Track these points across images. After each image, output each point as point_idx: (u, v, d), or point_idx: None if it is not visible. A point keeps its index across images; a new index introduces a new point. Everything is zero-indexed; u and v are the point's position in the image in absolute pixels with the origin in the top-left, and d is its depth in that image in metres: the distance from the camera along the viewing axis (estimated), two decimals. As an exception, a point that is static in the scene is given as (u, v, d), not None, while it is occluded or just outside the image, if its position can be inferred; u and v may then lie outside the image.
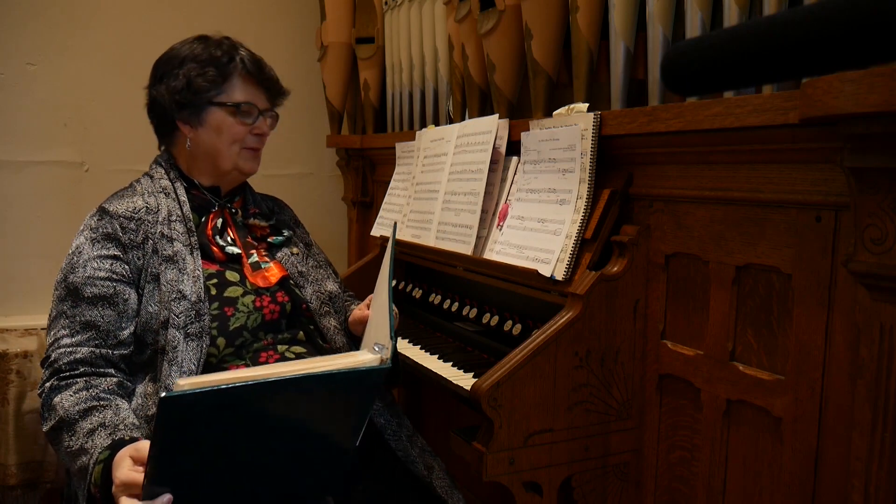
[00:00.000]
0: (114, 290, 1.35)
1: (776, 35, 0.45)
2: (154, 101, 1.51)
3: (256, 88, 1.53)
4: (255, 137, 1.53)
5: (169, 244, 1.40)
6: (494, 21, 1.75)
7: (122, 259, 1.38)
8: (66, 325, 1.33)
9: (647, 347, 1.43)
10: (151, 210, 1.44)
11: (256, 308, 1.43)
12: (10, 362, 2.38)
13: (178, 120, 1.49)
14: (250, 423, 1.06)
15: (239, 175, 1.56)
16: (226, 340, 1.38)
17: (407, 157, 2.25)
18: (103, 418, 1.23)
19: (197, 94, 1.46)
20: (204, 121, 1.48)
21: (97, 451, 1.17)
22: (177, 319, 1.33)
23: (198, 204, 1.53)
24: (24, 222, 2.70)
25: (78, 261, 1.37)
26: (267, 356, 1.43)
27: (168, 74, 1.48)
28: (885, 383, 0.94)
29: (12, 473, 2.38)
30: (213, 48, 1.49)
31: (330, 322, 1.55)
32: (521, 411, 1.32)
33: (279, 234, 1.62)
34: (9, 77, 2.66)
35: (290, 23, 3.14)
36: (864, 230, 0.94)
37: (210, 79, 1.46)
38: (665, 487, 1.42)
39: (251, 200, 1.66)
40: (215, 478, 1.10)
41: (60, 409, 1.25)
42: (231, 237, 1.52)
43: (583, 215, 1.43)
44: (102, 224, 1.40)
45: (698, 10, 1.29)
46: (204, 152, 1.51)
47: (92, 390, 1.27)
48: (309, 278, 1.58)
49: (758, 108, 1.09)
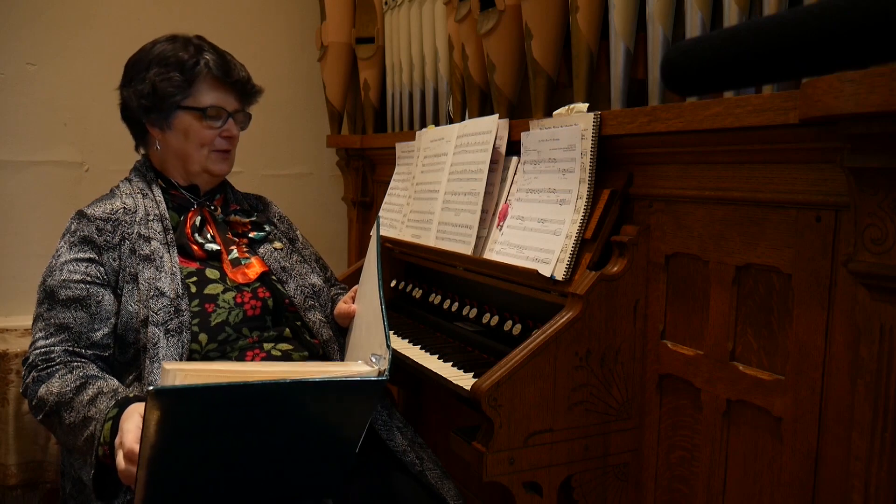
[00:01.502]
0: (87, 293, 1.36)
1: (776, 35, 0.45)
2: (124, 105, 1.53)
3: (224, 90, 1.51)
4: (224, 140, 1.53)
5: (146, 243, 1.41)
6: (494, 21, 1.75)
7: (97, 261, 1.39)
8: (42, 328, 1.36)
9: (647, 347, 1.43)
10: (129, 211, 1.45)
11: (237, 304, 1.44)
12: (10, 362, 2.38)
13: (147, 123, 1.50)
14: (244, 424, 1.05)
15: (209, 177, 1.56)
16: (208, 336, 1.39)
17: (407, 157, 2.25)
18: (99, 388, 1.25)
19: (163, 99, 1.46)
20: (171, 124, 1.49)
21: (103, 414, 1.19)
22: (156, 316, 1.34)
23: (177, 204, 1.54)
24: (24, 222, 2.70)
25: (55, 263, 1.40)
26: (253, 354, 1.43)
27: (135, 78, 1.49)
28: (885, 383, 0.94)
29: (12, 473, 2.37)
30: (180, 50, 1.48)
31: (315, 316, 1.55)
32: (521, 411, 1.31)
33: (260, 229, 1.62)
34: (9, 77, 2.66)
35: (290, 23, 3.14)
36: (864, 230, 0.94)
37: (176, 83, 1.46)
38: (665, 487, 1.42)
39: (232, 198, 1.66)
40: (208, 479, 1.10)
41: (50, 395, 1.26)
42: (210, 234, 1.53)
43: (583, 215, 1.43)
44: (80, 227, 1.42)
45: (698, 10, 1.29)
46: (173, 155, 1.52)
47: (77, 371, 1.29)
48: (292, 273, 1.57)
49: (758, 108, 1.09)
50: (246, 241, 1.58)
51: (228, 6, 3.02)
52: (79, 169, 2.80)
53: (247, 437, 1.08)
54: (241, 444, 1.08)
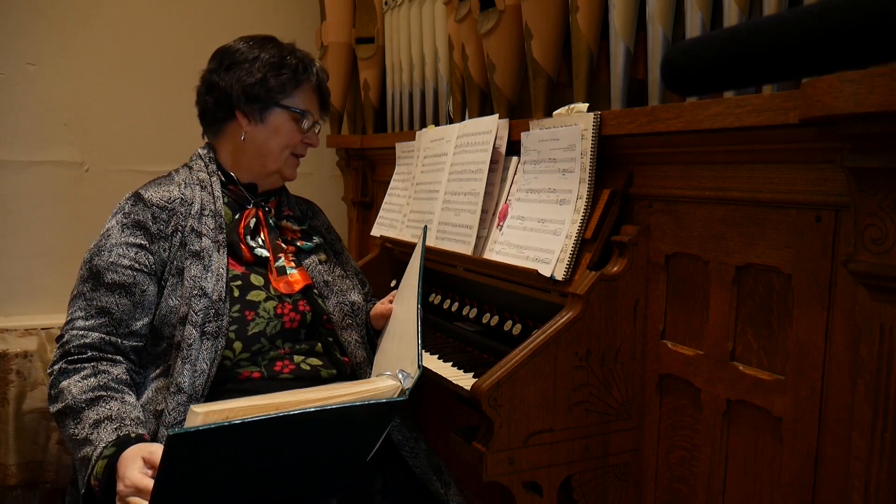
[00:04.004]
0: (133, 280, 1.36)
1: (776, 35, 0.45)
2: (216, 87, 1.50)
3: (317, 101, 1.58)
4: (304, 146, 1.58)
5: (197, 239, 1.40)
6: (494, 21, 1.75)
7: (147, 249, 1.38)
8: (82, 307, 1.35)
9: (647, 347, 1.43)
10: (186, 202, 1.44)
11: (277, 315, 1.42)
12: (10, 362, 2.38)
13: (240, 111, 1.49)
14: (260, 452, 1.05)
15: (279, 179, 1.59)
16: (242, 345, 1.38)
17: (407, 157, 2.25)
18: (109, 410, 1.24)
19: (269, 92, 1.48)
20: (265, 119, 1.50)
21: (101, 444, 1.18)
22: (195, 317, 1.33)
23: (233, 200, 1.52)
24: (25, 222, 2.70)
25: (105, 244, 1.38)
26: (282, 365, 1.42)
27: (238, 66, 1.49)
28: (885, 383, 0.94)
29: (12, 473, 2.38)
30: (287, 55, 1.52)
31: (351, 336, 1.54)
32: (521, 411, 1.31)
33: (309, 239, 1.61)
34: (9, 77, 2.66)
35: (290, 23, 3.13)
36: (864, 230, 0.94)
37: (284, 81, 1.49)
38: (665, 487, 1.42)
39: (286, 202, 1.66)
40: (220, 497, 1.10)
41: (68, 394, 1.26)
42: (262, 239, 1.51)
43: (583, 215, 1.43)
44: (136, 210, 1.41)
45: (698, 10, 1.29)
46: (255, 149, 1.52)
47: (100, 377, 1.28)
48: (333, 289, 1.56)
49: (758, 108, 1.09)
50: (293, 249, 1.56)
51: (228, 6, 3.02)
52: (79, 169, 2.80)
53: (263, 460, 1.07)
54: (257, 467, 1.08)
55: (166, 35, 2.90)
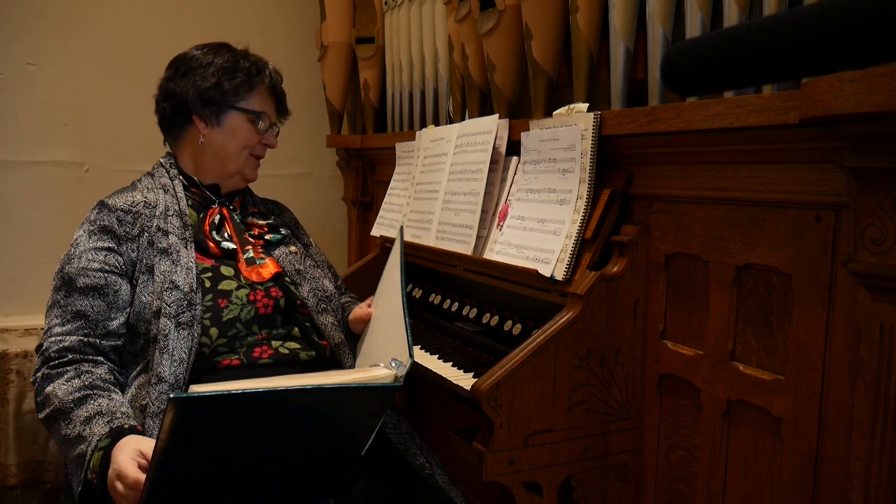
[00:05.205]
0: (105, 281, 1.38)
1: (776, 35, 0.45)
2: (172, 94, 1.55)
3: (272, 104, 1.62)
4: (262, 147, 1.61)
5: (164, 237, 1.43)
6: (494, 21, 1.75)
7: (115, 251, 1.41)
8: (58, 314, 1.37)
9: (647, 347, 1.43)
10: (149, 204, 1.48)
11: (250, 301, 1.45)
12: (10, 362, 2.38)
13: (196, 115, 1.53)
14: (259, 429, 1.06)
15: (241, 180, 1.62)
16: (218, 331, 1.40)
17: (407, 157, 2.25)
18: (99, 406, 1.25)
19: (223, 96, 1.52)
20: (222, 122, 1.54)
21: (95, 438, 1.19)
22: (168, 308, 1.35)
23: (197, 202, 1.56)
24: (25, 222, 2.70)
25: (74, 252, 1.41)
26: (261, 351, 1.43)
27: (193, 72, 1.53)
28: (885, 383, 0.94)
29: (12, 473, 2.37)
30: (240, 59, 1.56)
31: (327, 319, 1.57)
32: (521, 411, 1.31)
33: (276, 232, 1.64)
34: (9, 77, 2.66)
35: (290, 23, 3.14)
36: (864, 230, 0.94)
37: (237, 84, 1.53)
38: (665, 487, 1.42)
39: (251, 201, 1.70)
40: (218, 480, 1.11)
41: (55, 398, 1.27)
42: (228, 233, 1.55)
43: (583, 215, 1.43)
44: (101, 217, 1.44)
45: (698, 10, 1.29)
46: (213, 151, 1.56)
47: (84, 377, 1.30)
48: (306, 276, 1.59)
49: (758, 108, 1.09)
50: (262, 242, 1.60)
51: (228, 6, 3.02)
52: (79, 169, 2.80)
53: (261, 441, 1.08)
54: (254, 447, 1.08)
55: (166, 35, 2.89)
